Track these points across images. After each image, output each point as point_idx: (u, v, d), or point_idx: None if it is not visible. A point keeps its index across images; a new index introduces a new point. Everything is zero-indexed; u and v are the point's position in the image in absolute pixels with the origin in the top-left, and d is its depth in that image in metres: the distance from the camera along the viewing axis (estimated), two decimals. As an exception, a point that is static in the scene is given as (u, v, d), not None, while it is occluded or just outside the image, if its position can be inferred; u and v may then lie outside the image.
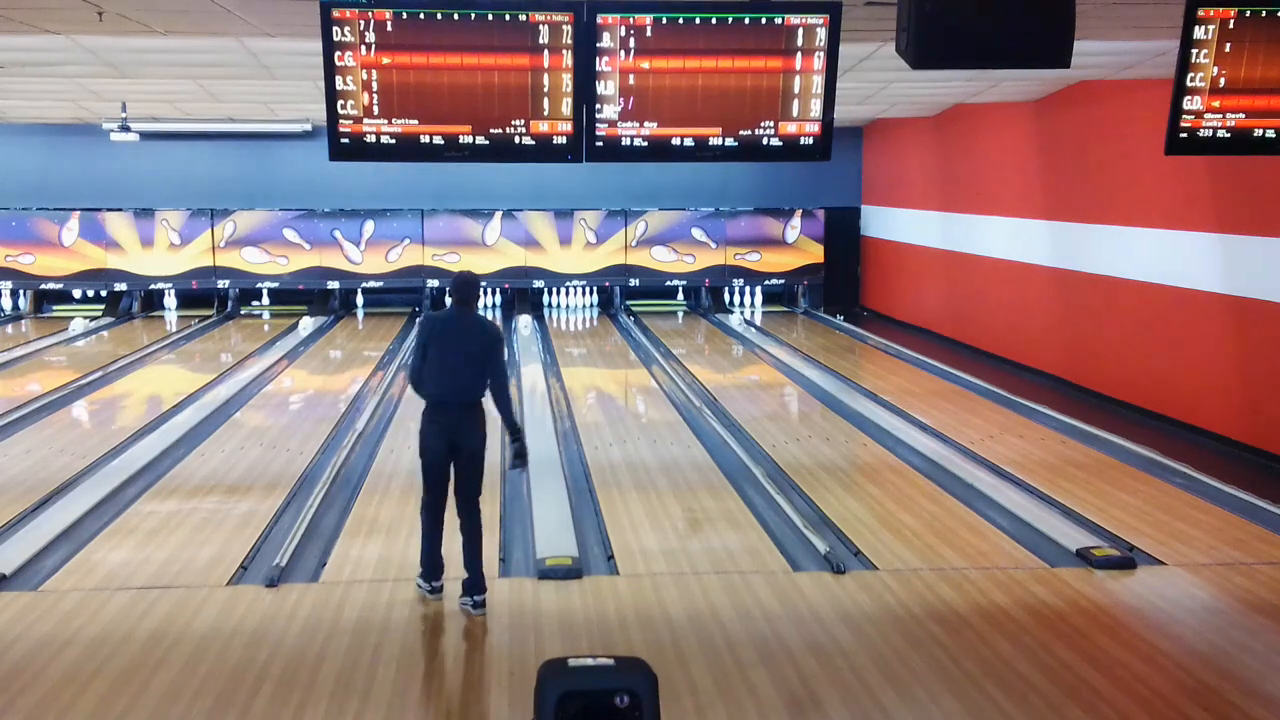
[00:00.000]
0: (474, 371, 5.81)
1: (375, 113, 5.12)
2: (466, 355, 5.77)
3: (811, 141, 5.38)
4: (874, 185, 18.06)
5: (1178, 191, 9.87)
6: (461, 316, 5.91)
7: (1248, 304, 9.10)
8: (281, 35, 7.65)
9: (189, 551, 6.73)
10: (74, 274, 17.40)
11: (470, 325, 5.90)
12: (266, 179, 17.57)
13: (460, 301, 5.96)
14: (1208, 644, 5.52)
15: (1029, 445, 9.38)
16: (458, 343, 5.80)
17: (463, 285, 5.94)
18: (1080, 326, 11.71)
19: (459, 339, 5.81)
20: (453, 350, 5.77)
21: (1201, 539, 6.97)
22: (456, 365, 5.76)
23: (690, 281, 18.15)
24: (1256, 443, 8.96)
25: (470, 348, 5.80)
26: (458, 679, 5.08)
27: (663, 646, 5.37)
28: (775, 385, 12.71)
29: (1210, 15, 5.30)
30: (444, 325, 5.88)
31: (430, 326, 5.92)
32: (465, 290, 5.93)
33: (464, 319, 5.90)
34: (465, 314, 5.92)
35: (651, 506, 7.65)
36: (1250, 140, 5.57)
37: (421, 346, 5.84)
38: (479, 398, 5.85)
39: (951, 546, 6.84)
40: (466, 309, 5.93)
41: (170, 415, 10.49)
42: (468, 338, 5.83)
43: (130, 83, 10.70)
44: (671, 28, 5.14)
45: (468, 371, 5.79)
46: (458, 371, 5.77)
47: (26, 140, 16.89)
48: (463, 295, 5.92)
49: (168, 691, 4.92)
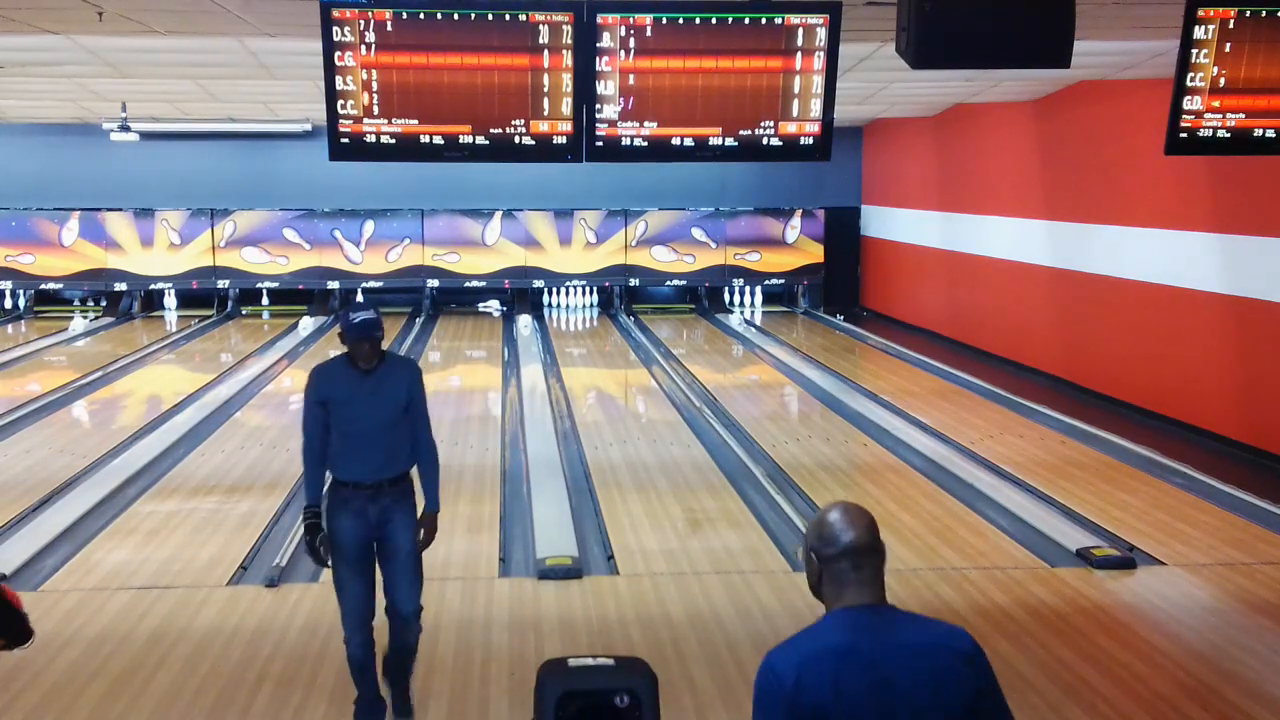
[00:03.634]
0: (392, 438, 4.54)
1: (375, 113, 5.12)
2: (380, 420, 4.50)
3: (811, 141, 5.38)
4: (874, 185, 18.06)
5: (1177, 191, 9.87)
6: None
7: (1247, 304, 9.09)
8: (281, 35, 7.65)
9: (189, 551, 6.74)
10: (74, 274, 17.39)
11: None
12: (266, 179, 17.56)
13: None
14: (1208, 644, 5.52)
15: (1029, 445, 9.38)
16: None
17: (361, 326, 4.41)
18: (1080, 326, 11.70)
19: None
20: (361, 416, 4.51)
21: (1201, 539, 6.96)
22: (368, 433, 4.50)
23: (690, 281, 18.15)
24: (1256, 443, 8.96)
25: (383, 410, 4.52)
26: (458, 679, 5.07)
27: (663, 646, 5.37)
28: (775, 385, 12.71)
29: (1210, 15, 5.30)
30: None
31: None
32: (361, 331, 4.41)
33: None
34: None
35: (651, 506, 7.65)
36: (1250, 140, 5.57)
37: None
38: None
39: (951, 546, 6.84)
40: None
41: (170, 415, 10.49)
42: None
43: (130, 83, 10.69)
44: (671, 28, 5.14)
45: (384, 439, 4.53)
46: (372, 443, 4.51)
47: (26, 140, 16.88)
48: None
49: (168, 691, 4.93)
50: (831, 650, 2.31)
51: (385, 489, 4.51)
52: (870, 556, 2.39)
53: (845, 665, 2.29)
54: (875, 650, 2.32)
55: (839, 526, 2.40)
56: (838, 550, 2.38)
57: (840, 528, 2.40)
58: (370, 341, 4.43)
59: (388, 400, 4.52)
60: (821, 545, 2.40)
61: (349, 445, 4.49)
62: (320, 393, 4.52)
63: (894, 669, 2.30)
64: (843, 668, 2.29)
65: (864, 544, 2.38)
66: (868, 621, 2.36)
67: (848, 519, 2.42)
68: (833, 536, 2.39)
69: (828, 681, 2.28)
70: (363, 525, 4.50)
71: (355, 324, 4.43)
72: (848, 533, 2.39)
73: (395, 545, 4.55)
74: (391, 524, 4.52)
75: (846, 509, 2.46)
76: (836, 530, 2.40)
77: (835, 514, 2.43)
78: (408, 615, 4.61)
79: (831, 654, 2.30)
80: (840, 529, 2.40)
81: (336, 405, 4.49)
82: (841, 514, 2.43)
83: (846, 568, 2.38)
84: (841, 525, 2.40)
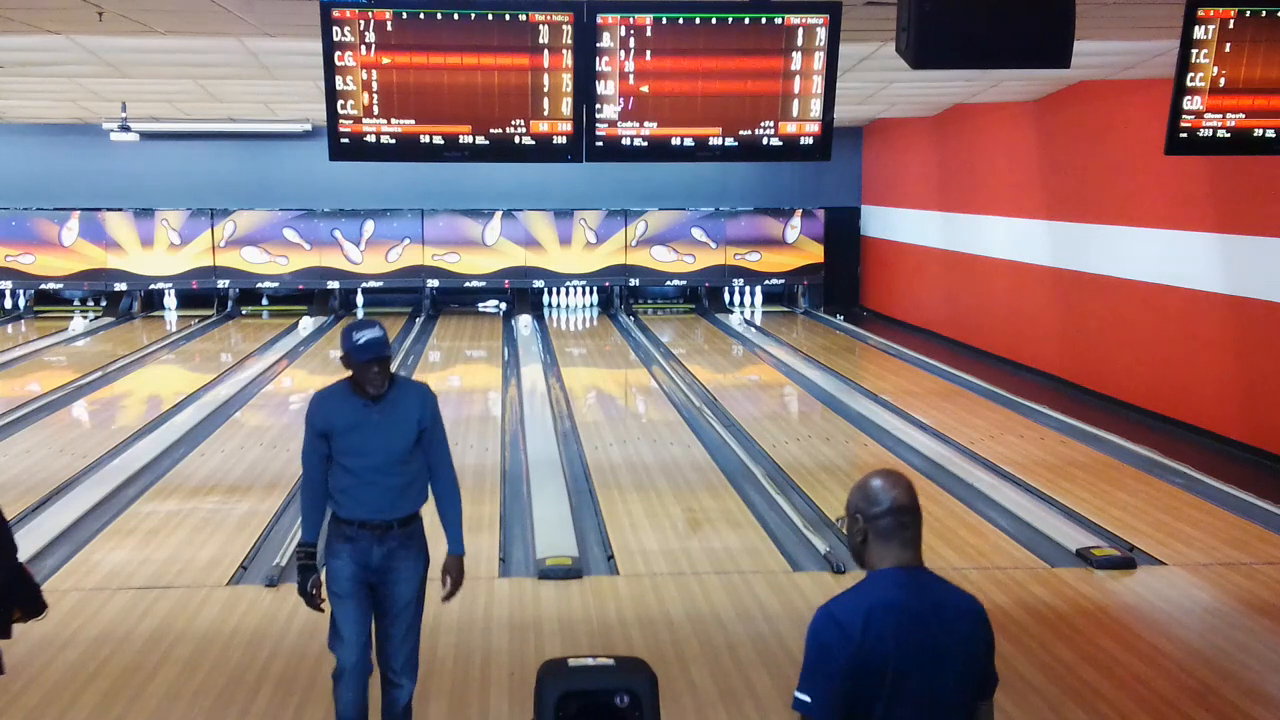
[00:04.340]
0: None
1: (375, 113, 5.12)
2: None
3: (811, 141, 5.38)
4: (874, 185, 18.06)
5: (1178, 191, 9.87)
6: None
7: (1248, 304, 9.09)
8: (281, 35, 7.65)
9: (189, 551, 6.74)
10: (74, 274, 17.39)
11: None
12: (266, 179, 17.57)
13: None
14: (1208, 644, 5.52)
15: (1029, 445, 9.38)
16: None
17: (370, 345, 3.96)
18: (1080, 326, 11.71)
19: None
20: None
21: (1201, 539, 6.96)
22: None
23: (690, 281, 18.15)
24: (1256, 443, 8.96)
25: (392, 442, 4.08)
26: (458, 679, 5.07)
27: (663, 646, 5.37)
28: (775, 385, 12.71)
29: (1210, 15, 5.30)
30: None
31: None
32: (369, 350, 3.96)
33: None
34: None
35: (651, 506, 7.65)
36: (1250, 140, 5.57)
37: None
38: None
39: (951, 546, 6.83)
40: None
41: (170, 415, 10.49)
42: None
43: (130, 83, 10.69)
44: (671, 28, 5.14)
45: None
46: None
47: (26, 140, 16.88)
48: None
49: (168, 691, 4.93)
50: (890, 606, 2.46)
51: (393, 530, 4.06)
52: (913, 515, 2.56)
53: (902, 622, 2.45)
54: (924, 609, 2.48)
55: (883, 487, 2.56)
56: (883, 509, 2.53)
57: (885, 488, 2.56)
58: (379, 363, 3.96)
59: (397, 431, 4.05)
60: (868, 505, 2.55)
61: (353, 481, 4.04)
62: (321, 423, 4.08)
63: (939, 628, 2.48)
64: (901, 624, 2.45)
65: (907, 502, 2.55)
66: (913, 581, 2.52)
67: (890, 480, 2.58)
68: (878, 497, 2.55)
69: (890, 635, 2.42)
70: (364, 568, 4.06)
71: (361, 344, 3.94)
72: (891, 492, 2.55)
73: (395, 596, 4.08)
74: (395, 571, 4.07)
75: (888, 474, 2.62)
76: (880, 492, 2.55)
77: (878, 478, 2.59)
78: (400, 678, 4.13)
79: (891, 610, 2.46)
80: (885, 489, 2.55)
81: (339, 437, 4.05)
82: (884, 477, 2.60)
83: (893, 525, 2.53)
84: (885, 486, 2.56)
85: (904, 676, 2.42)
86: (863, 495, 2.58)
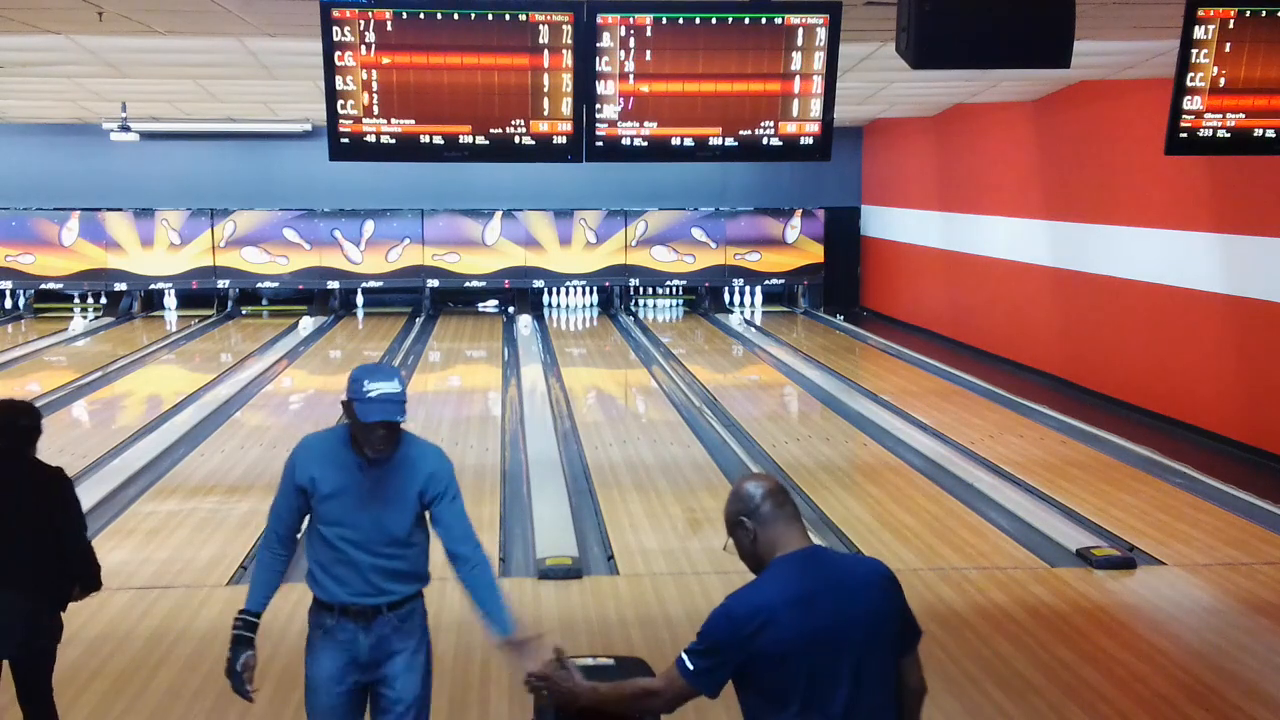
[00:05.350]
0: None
1: (375, 113, 5.11)
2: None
3: (811, 141, 5.37)
4: (874, 185, 18.06)
5: (1178, 191, 9.87)
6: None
7: (1248, 304, 9.10)
8: (281, 35, 7.65)
9: (189, 551, 6.74)
10: (74, 274, 17.39)
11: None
12: (266, 179, 17.57)
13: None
14: (1208, 644, 5.52)
15: (1029, 445, 9.38)
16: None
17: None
18: (1080, 326, 11.71)
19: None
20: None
21: (1201, 539, 6.96)
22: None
23: (690, 281, 18.15)
24: (1256, 443, 8.96)
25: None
26: (458, 679, 5.07)
27: (663, 646, 5.37)
28: (775, 385, 12.71)
29: (1210, 15, 5.30)
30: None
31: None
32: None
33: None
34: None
35: (651, 506, 7.65)
36: (1250, 140, 5.57)
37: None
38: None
39: (951, 546, 6.84)
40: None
41: (170, 415, 10.49)
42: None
43: (130, 83, 10.69)
44: (671, 28, 5.13)
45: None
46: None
47: (26, 140, 16.88)
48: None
49: (168, 691, 4.93)
50: (790, 599, 2.56)
51: (382, 615, 3.33)
52: (785, 494, 2.71)
53: (802, 609, 2.55)
54: (825, 591, 2.58)
55: (750, 484, 2.72)
56: (758, 499, 2.67)
57: (752, 484, 2.72)
58: (387, 428, 3.22)
59: (392, 505, 3.30)
60: (745, 505, 2.69)
61: (331, 557, 3.31)
62: (303, 477, 3.34)
63: (845, 600, 2.59)
64: (801, 612, 2.55)
65: (775, 487, 2.71)
66: (811, 560, 2.65)
67: (753, 477, 2.77)
68: (749, 493, 2.69)
69: (790, 624, 2.53)
70: (350, 666, 3.33)
71: (371, 399, 3.17)
72: (760, 485, 2.71)
73: (394, 695, 3.35)
74: (391, 664, 3.36)
75: (748, 475, 2.83)
76: (749, 488, 2.71)
77: (742, 482, 2.76)
78: None
79: (789, 602, 2.56)
80: (752, 485, 2.72)
81: (321, 500, 3.30)
82: (746, 478, 2.77)
83: (771, 508, 2.66)
84: (752, 483, 2.73)
85: (816, 656, 2.52)
86: (737, 500, 2.70)
